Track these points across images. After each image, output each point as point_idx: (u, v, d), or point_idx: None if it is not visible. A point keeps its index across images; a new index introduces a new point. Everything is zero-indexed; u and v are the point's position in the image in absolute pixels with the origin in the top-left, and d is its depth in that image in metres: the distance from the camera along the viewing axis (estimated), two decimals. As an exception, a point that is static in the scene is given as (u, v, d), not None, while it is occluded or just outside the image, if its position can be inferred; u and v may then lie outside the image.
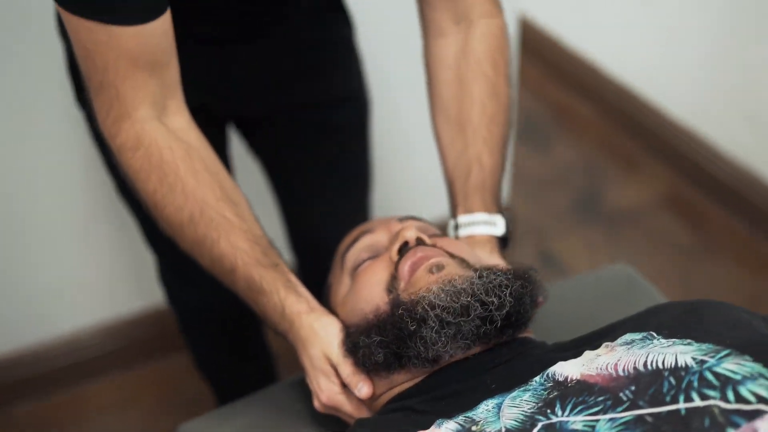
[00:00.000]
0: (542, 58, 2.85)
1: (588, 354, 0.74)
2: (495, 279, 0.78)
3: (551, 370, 0.72)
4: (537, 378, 0.72)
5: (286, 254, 1.67)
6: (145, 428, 1.69)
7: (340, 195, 1.29)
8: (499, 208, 0.98)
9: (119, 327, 1.77)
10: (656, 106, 2.37)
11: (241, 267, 0.85)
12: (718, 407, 0.59)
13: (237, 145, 1.33)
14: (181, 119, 0.89)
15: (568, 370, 0.71)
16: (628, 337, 0.74)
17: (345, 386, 0.84)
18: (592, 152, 2.48)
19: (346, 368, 0.82)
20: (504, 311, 0.76)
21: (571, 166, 2.42)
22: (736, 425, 0.58)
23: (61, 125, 1.46)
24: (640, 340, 0.73)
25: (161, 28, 0.82)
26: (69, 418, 1.72)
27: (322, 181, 1.26)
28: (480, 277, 0.78)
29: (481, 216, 0.95)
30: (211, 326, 1.34)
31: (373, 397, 0.83)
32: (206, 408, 1.69)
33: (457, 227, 0.96)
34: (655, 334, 0.73)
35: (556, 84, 2.79)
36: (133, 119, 0.85)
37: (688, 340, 0.69)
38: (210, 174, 0.87)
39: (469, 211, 0.96)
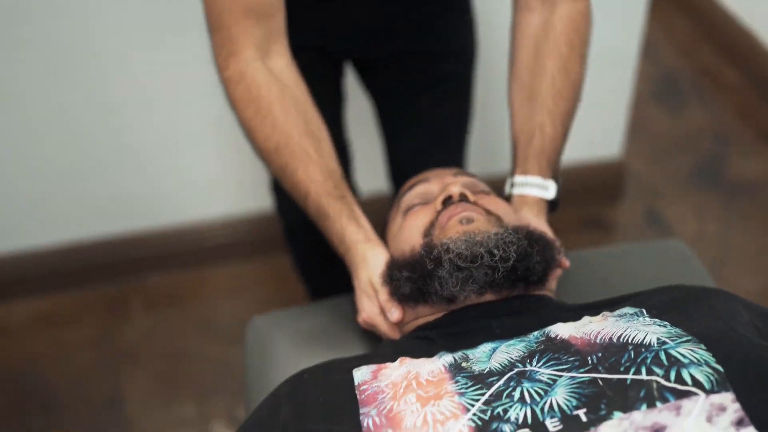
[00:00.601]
0: (694, 16, 2.78)
1: (585, 319, 0.83)
2: (507, 236, 0.88)
3: (549, 328, 0.82)
4: (535, 333, 0.82)
5: (385, 183, 1.81)
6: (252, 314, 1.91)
7: (436, 137, 1.40)
8: (553, 174, 1.05)
9: (242, 222, 1.98)
10: (802, 79, 2.29)
11: (313, 194, 0.99)
12: (658, 383, 0.68)
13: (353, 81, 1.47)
14: (281, 62, 1.02)
15: (561, 330, 0.81)
16: (624, 310, 0.83)
17: (382, 309, 0.97)
18: (728, 119, 2.43)
19: (383, 295, 0.95)
20: (508, 264, 0.86)
21: (701, 131, 2.39)
22: (666, 400, 0.66)
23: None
24: (631, 315, 0.81)
25: None
26: (189, 295, 1.96)
27: (422, 122, 1.38)
28: (496, 234, 0.88)
29: (535, 179, 1.03)
30: (309, 237, 1.50)
31: (402, 323, 0.97)
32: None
33: (512, 185, 1.05)
34: (645, 312, 0.81)
35: (704, 44, 2.72)
36: (239, 58, 0.99)
37: (665, 323, 0.77)
38: (298, 112, 1.00)
39: (525, 172, 1.04)
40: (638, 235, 2.08)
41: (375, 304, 0.97)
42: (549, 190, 1.04)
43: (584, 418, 0.67)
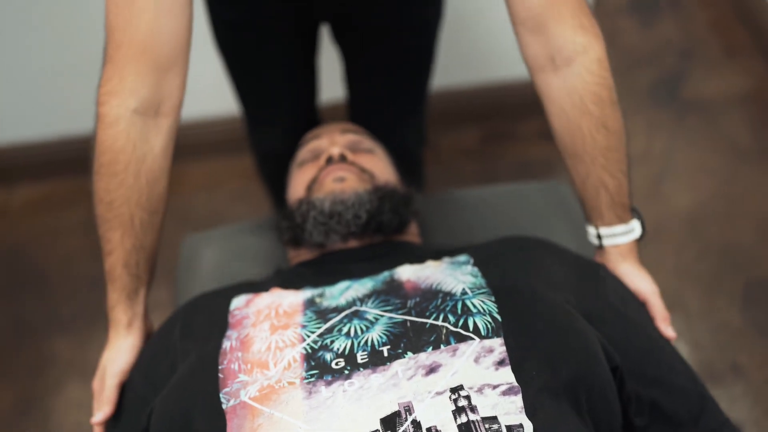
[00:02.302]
0: None
1: (427, 263, 0.99)
2: (364, 196, 1.05)
3: (395, 269, 0.98)
4: (385, 273, 0.98)
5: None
6: (225, 209, 2.11)
7: (399, 78, 1.47)
8: (632, 213, 1.06)
9: (217, 122, 2.14)
10: (771, -1, 2.34)
11: (113, 258, 1.01)
12: (447, 329, 0.84)
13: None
14: (164, 124, 1.00)
15: (404, 272, 0.97)
16: (459, 258, 0.99)
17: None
18: (698, 34, 2.49)
19: (104, 393, 0.99)
20: (360, 220, 1.04)
21: (668, 44, 2.46)
22: (449, 343, 0.83)
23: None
24: (460, 263, 0.97)
25: (174, 29, 0.96)
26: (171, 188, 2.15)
27: (387, 63, 1.44)
28: (356, 193, 1.06)
29: (619, 228, 1.04)
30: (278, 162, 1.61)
31: (291, 259, 1.15)
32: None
33: (600, 237, 1.06)
34: (471, 261, 0.97)
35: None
36: (121, 101, 0.96)
37: (478, 274, 0.93)
38: (148, 183, 1.00)
39: (608, 224, 1.04)
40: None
41: (97, 389, 1.02)
42: (635, 230, 1.05)
43: (386, 354, 0.84)
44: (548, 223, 1.25)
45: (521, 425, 0.75)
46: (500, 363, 0.81)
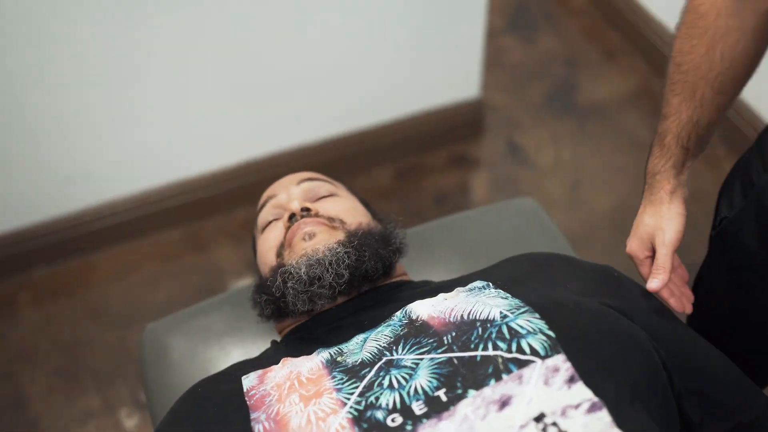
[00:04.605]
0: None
1: (440, 296, 0.93)
2: (338, 252, 0.97)
3: (409, 307, 0.91)
4: (398, 314, 0.91)
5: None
6: (144, 296, 1.96)
7: None
8: None
9: (121, 203, 2.00)
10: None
11: (667, 122, 0.97)
12: (502, 357, 0.78)
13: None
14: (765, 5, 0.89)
15: (420, 309, 0.90)
16: (474, 284, 0.93)
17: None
18: (576, 43, 2.57)
19: (661, 253, 0.96)
20: (343, 279, 0.96)
21: (552, 57, 2.52)
22: (510, 371, 0.76)
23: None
24: (479, 288, 0.91)
25: None
26: (78, 282, 1.99)
27: None
28: (330, 249, 0.98)
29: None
30: None
31: (280, 330, 1.07)
32: (197, 278, 1.94)
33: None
34: (491, 285, 0.91)
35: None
36: None
37: (507, 294, 0.87)
38: (722, 60, 0.91)
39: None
40: (500, 167, 2.22)
41: (637, 252, 1.00)
42: None
43: (444, 398, 0.76)
44: (525, 238, 1.21)
45: None
46: (570, 380, 0.76)
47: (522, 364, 0.77)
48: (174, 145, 1.96)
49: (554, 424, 0.72)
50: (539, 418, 0.73)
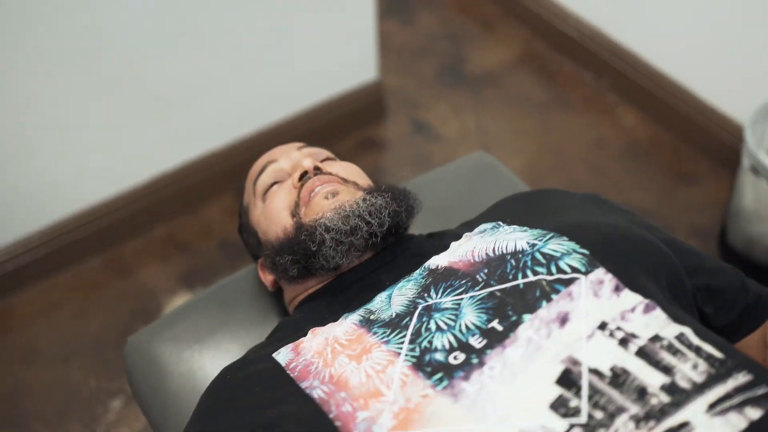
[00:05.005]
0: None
1: (453, 245, 0.94)
2: (376, 202, 0.97)
3: (427, 263, 0.92)
4: (417, 270, 0.92)
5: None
6: (75, 329, 1.86)
7: None
8: None
9: (35, 238, 1.89)
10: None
11: None
12: (545, 280, 0.80)
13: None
14: None
15: (439, 260, 0.91)
16: (482, 227, 0.95)
17: None
18: (454, 19, 2.64)
19: None
20: (384, 228, 0.96)
21: (435, 35, 2.58)
22: (558, 291, 0.79)
23: None
24: (491, 228, 0.94)
25: None
26: (2, 327, 1.86)
27: None
28: (364, 200, 0.97)
29: None
30: None
31: (292, 299, 1.03)
32: (128, 303, 1.86)
33: None
34: (501, 223, 0.94)
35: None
36: None
37: (525, 227, 0.90)
38: None
39: None
40: (409, 144, 2.25)
41: None
42: None
43: (500, 328, 0.77)
44: (490, 187, 1.24)
45: (682, 333, 0.75)
46: (616, 289, 0.79)
47: (567, 282, 0.80)
48: (79, 170, 1.86)
49: (618, 328, 0.75)
50: (602, 327, 0.75)
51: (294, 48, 1.99)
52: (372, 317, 0.87)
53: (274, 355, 0.88)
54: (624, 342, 0.74)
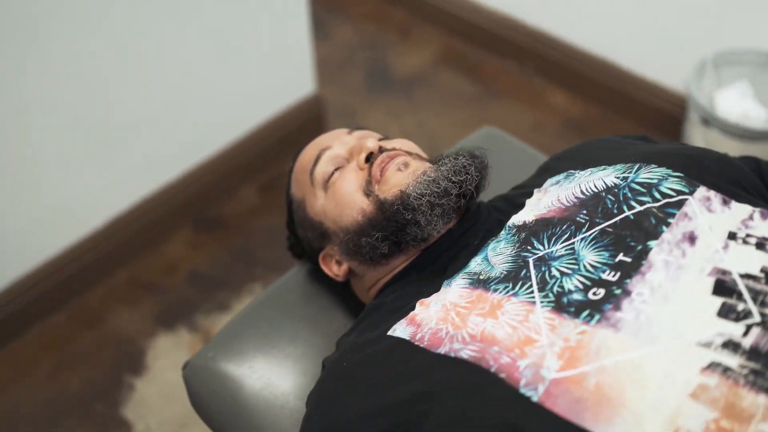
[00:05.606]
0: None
1: (529, 201, 0.94)
2: (458, 161, 0.96)
3: (509, 222, 0.91)
4: (502, 232, 0.91)
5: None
6: (55, 389, 1.74)
7: None
8: None
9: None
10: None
11: None
12: (654, 207, 0.81)
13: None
14: None
15: (522, 217, 0.91)
16: (553, 179, 0.96)
17: None
18: (368, 29, 2.67)
19: None
20: (474, 184, 0.95)
21: (354, 45, 2.60)
22: (672, 215, 0.80)
23: None
24: (564, 178, 0.94)
25: None
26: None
27: None
28: (442, 164, 0.96)
29: None
30: None
31: (370, 287, 1.01)
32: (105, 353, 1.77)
33: None
34: (572, 171, 0.95)
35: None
36: None
37: (602, 166, 0.90)
38: None
39: None
40: (361, 152, 2.25)
41: None
42: None
43: (628, 259, 0.77)
44: (507, 159, 1.26)
45: None
46: (724, 203, 0.82)
47: (677, 205, 0.81)
48: (30, 223, 1.75)
49: (748, 235, 0.77)
50: (732, 237, 0.77)
51: (234, 69, 1.96)
52: (481, 277, 0.85)
53: (389, 333, 0.85)
54: (761, 246, 0.76)
